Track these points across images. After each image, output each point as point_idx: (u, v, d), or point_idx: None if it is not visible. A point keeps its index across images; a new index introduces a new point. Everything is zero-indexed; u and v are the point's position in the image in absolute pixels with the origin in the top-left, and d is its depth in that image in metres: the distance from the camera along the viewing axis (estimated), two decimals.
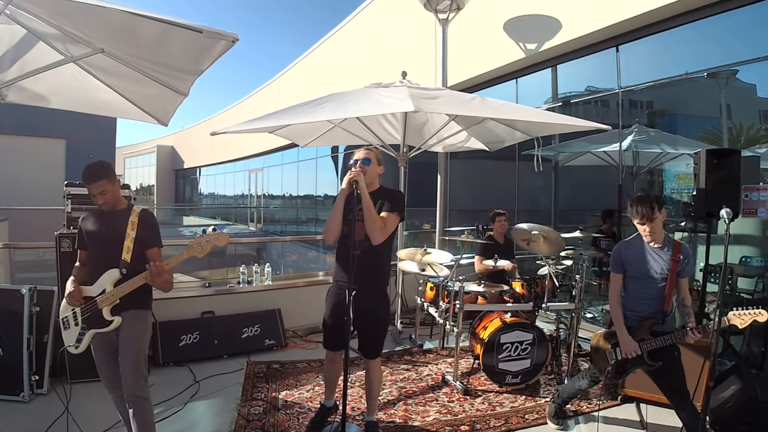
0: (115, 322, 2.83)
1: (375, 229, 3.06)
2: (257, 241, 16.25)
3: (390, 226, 3.17)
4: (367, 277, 3.08)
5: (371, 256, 3.12)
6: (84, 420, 3.32)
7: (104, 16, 2.39)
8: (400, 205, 3.24)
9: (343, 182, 3.08)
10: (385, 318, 3.39)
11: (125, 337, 2.85)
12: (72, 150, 16.77)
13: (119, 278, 2.84)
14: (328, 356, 3.49)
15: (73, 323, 2.88)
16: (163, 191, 35.61)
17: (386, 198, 3.22)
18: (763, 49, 4.57)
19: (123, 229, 2.89)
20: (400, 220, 3.24)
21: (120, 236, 2.88)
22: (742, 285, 4.99)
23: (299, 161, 19.78)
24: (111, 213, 2.95)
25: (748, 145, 5.05)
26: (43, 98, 3.61)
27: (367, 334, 3.28)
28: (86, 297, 2.86)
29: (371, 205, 3.07)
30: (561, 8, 6.51)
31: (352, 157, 3.28)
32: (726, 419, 3.39)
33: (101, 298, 2.82)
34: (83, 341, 2.86)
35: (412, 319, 5.95)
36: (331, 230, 3.21)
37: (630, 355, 3.13)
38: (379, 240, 3.11)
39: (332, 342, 3.40)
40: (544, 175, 7.31)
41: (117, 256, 2.85)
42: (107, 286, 2.83)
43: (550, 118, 4.81)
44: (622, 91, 6.22)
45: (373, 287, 3.22)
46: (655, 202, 3.06)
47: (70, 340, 2.89)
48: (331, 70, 13.67)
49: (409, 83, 4.94)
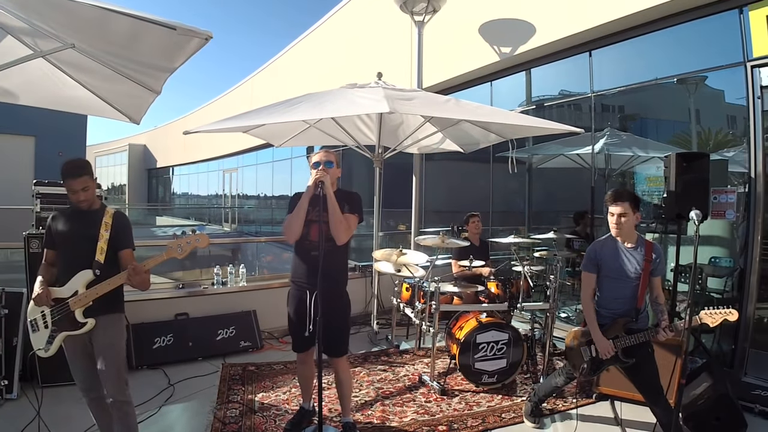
0: (89, 325, 2.76)
1: (341, 230, 3.14)
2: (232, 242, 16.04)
3: (353, 226, 3.26)
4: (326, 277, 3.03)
5: (330, 257, 3.13)
6: (56, 425, 3.25)
7: (74, 10, 2.32)
8: (359, 206, 3.34)
9: (309, 182, 3.14)
10: (345, 316, 3.40)
11: (104, 344, 2.80)
12: (41, 148, 16.38)
13: (92, 279, 2.78)
14: (299, 358, 3.51)
15: (42, 326, 2.79)
16: (135, 191, 35.04)
17: (346, 200, 3.27)
18: (731, 56, 4.70)
19: (96, 230, 2.84)
20: (359, 221, 3.32)
21: (93, 237, 2.82)
22: (712, 285, 5.11)
23: (274, 161, 19.64)
24: (83, 213, 2.88)
25: (716, 148, 5.17)
26: (11, 94, 3.51)
27: (330, 332, 3.18)
28: (56, 299, 2.77)
29: (337, 206, 3.13)
30: (535, 13, 6.58)
31: (312, 159, 3.32)
32: (698, 415, 3.47)
33: (74, 299, 2.74)
34: (53, 344, 2.78)
35: (389, 319, 5.95)
36: (293, 230, 3.20)
37: (605, 356, 3.19)
38: (344, 240, 3.20)
39: (299, 343, 3.42)
40: (518, 176, 7.37)
41: (89, 257, 2.79)
42: (80, 288, 2.76)
43: (524, 121, 4.88)
44: (595, 95, 6.32)
45: (332, 287, 3.20)
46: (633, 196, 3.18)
47: (39, 343, 2.80)
48: (306, 70, 13.59)
49: (384, 84, 4.94)
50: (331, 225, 3.11)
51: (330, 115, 4.66)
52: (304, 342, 3.37)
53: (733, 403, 3.47)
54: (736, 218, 4.70)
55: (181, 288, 5.48)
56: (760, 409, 3.79)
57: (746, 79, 4.56)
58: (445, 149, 6.35)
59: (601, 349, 3.21)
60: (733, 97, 4.94)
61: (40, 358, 2.87)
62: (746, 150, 4.61)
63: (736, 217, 4.67)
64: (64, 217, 2.93)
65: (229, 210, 25.25)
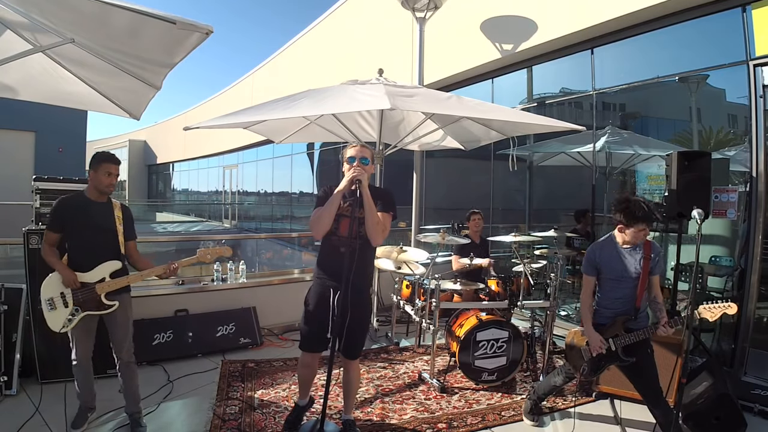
0: (115, 306, 3.19)
1: (377, 231, 3.02)
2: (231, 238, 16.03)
3: (389, 226, 3.14)
4: (355, 275, 2.93)
5: (360, 254, 3.00)
6: (55, 421, 3.25)
7: (74, 4, 2.31)
8: (393, 204, 3.20)
9: (344, 179, 3.00)
10: (368, 318, 3.37)
11: (123, 319, 3.28)
12: (41, 143, 16.35)
13: (119, 269, 3.23)
14: (304, 359, 3.33)
15: (61, 304, 3.10)
16: (136, 187, 35.04)
17: (379, 197, 3.12)
18: (733, 54, 4.68)
19: (113, 223, 3.26)
20: (393, 219, 3.20)
21: (111, 228, 3.25)
22: (712, 284, 5.11)
23: (274, 158, 19.59)
24: (93, 204, 3.23)
25: (717, 147, 5.16)
26: (11, 89, 3.49)
27: (353, 334, 3.09)
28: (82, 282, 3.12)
29: (374, 207, 3.01)
30: (537, 10, 6.57)
31: (347, 153, 3.15)
32: (698, 414, 3.46)
33: (101, 285, 3.15)
34: (74, 322, 3.12)
35: (388, 317, 5.95)
36: (323, 224, 3.04)
37: (597, 351, 3.20)
38: (380, 242, 3.10)
39: (313, 343, 3.24)
40: (518, 174, 7.37)
41: (114, 249, 3.25)
42: (106, 275, 3.18)
43: (525, 118, 4.86)
44: (596, 93, 6.31)
45: (358, 287, 3.05)
46: None
47: (57, 320, 3.10)
48: (307, 66, 13.57)
49: (385, 81, 4.92)
50: (368, 226, 3.00)
51: (331, 111, 4.65)
52: (317, 343, 3.21)
53: (733, 403, 3.46)
54: (737, 217, 4.69)
55: (181, 284, 5.47)
56: (760, 408, 3.79)
57: (748, 78, 4.55)
58: (446, 146, 6.34)
59: (592, 344, 3.22)
60: (735, 96, 4.93)
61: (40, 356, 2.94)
62: (747, 149, 4.60)
63: (737, 216, 4.66)
64: (77, 204, 3.21)
65: (229, 206, 25.23)
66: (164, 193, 35.12)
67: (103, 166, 3.19)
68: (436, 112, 4.97)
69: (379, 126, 5.71)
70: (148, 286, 5.12)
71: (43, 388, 3.58)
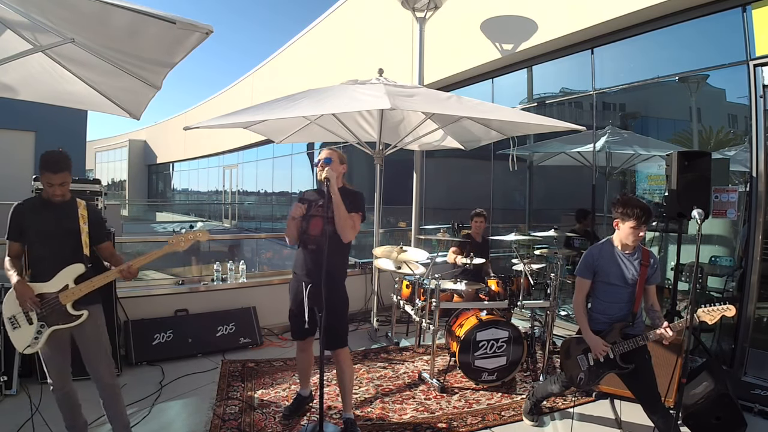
0: (84, 316, 2.82)
1: (347, 228, 3.24)
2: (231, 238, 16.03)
3: (357, 224, 3.33)
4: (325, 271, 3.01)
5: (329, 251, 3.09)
6: (55, 421, 3.23)
7: (74, 4, 2.32)
8: (361, 205, 3.40)
9: None
10: (339, 311, 3.40)
11: (94, 333, 2.90)
12: (41, 143, 16.30)
13: (82, 273, 2.84)
14: (298, 345, 3.66)
15: (25, 322, 2.77)
16: (136, 187, 35.00)
17: (349, 198, 3.31)
18: (733, 54, 4.69)
19: (76, 224, 2.87)
20: (362, 219, 3.39)
21: (74, 230, 2.87)
22: (712, 284, 5.10)
23: (274, 158, 19.61)
24: (55, 205, 2.84)
25: (717, 147, 5.16)
26: (11, 89, 3.50)
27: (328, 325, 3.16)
28: (40, 294, 2.77)
29: (341, 204, 3.20)
30: (537, 10, 6.57)
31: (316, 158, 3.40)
32: (698, 415, 3.45)
33: (65, 293, 2.77)
34: (41, 339, 2.77)
35: (388, 317, 5.95)
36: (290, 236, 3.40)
37: (600, 355, 3.17)
38: (350, 238, 3.31)
39: (297, 331, 3.54)
40: (518, 174, 7.37)
41: (76, 251, 2.85)
42: (69, 282, 2.80)
43: (526, 118, 4.86)
44: (596, 93, 6.31)
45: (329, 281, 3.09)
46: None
47: (23, 339, 2.77)
48: (307, 66, 13.57)
49: (385, 81, 4.93)
50: (337, 222, 3.20)
51: (331, 111, 4.66)
52: (302, 331, 3.49)
53: (733, 403, 3.45)
54: (737, 217, 4.69)
55: (180, 284, 5.48)
56: (760, 408, 3.78)
57: (749, 78, 4.55)
58: (446, 146, 6.34)
59: (594, 348, 3.19)
60: (735, 96, 4.94)
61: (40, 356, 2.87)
62: (748, 149, 4.61)
63: (737, 216, 4.66)
64: (35, 210, 2.87)
65: (229, 206, 25.24)
66: (164, 193, 35.10)
67: (43, 176, 2.74)
68: (436, 112, 4.98)
69: (379, 126, 5.72)
70: (148, 285, 5.13)
71: (43, 388, 3.55)
